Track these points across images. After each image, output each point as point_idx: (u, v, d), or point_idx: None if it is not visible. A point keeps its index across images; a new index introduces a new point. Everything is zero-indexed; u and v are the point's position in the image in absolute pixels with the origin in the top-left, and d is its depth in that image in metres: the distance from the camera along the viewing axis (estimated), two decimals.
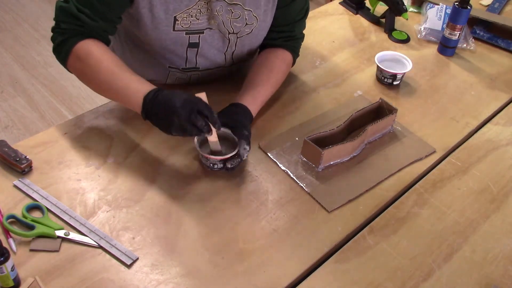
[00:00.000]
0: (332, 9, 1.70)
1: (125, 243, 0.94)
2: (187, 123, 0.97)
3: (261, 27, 1.20)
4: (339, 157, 1.13)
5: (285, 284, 0.91)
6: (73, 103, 2.59)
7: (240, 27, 1.17)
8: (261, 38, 1.24)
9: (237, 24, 1.16)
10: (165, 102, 0.98)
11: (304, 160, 1.13)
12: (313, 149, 1.09)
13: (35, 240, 0.93)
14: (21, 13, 3.23)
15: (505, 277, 0.95)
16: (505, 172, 1.16)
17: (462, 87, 1.40)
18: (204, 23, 1.14)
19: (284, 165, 1.11)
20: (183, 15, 1.10)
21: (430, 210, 1.06)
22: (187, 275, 0.90)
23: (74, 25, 1.06)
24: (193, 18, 1.11)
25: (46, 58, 2.85)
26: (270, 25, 1.22)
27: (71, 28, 1.06)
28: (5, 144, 1.07)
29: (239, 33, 1.18)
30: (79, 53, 1.06)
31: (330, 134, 1.14)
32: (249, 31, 1.18)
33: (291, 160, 1.12)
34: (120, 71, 1.05)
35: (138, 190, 1.04)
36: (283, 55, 1.27)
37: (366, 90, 1.36)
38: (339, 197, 1.06)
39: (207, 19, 1.13)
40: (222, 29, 1.16)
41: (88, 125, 1.17)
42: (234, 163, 1.05)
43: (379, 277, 0.93)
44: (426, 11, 1.66)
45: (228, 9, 1.13)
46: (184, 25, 1.12)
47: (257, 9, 1.16)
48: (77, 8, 1.04)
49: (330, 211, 1.03)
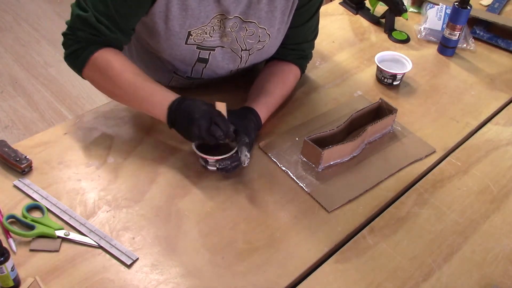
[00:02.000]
0: (332, 9, 1.70)
1: (125, 243, 0.94)
2: (206, 133, 1.01)
3: (272, 43, 1.20)
4: (339, 157, 1.13)
5: (285, 284, 0.91)
6: (73, 103, 2.59)
7: (253, 44, 1.17)
8: (270, 53, 1.23)
9: (250, 41, 1.16)
10: (186, 113, 1.02)
11: (304, 160, 1.12)
12: (313, 149, 1.09)
13: (35, 240, 0.93)
14: (21, 13, 3.23)
15: (505, 277, 0.95)
16: (505, 172, 1.16)
17: (462, 87, 1.40)
18: (217, 41, 1.13)
19: (284, 165, 1.11)
20: (197, 31, 1.09)
21: (430, 210, 1.06)
22: (187, 275, 0.90)
23: (90, 34, 1.05)
24: (207, 35, 1.11)
25: (46, 58, 2.85)
26: (281, 42, 1.22)
27: (87, 37, 1.05)
28: (5, 144, 1.07)
29: (251, 50, 1.18)
30: (98, 64, 1.06)
31: (330, 134, 1.13)
32: (260, 47, 1.18)
33: (291, 160, 1.12)
34: (143, 82, 1.07)
35: (138, 190, 1.04)
36: (295, 71, 1.27)
37: (366, 90, 1.36)
38: (339, 197, 1.06)
39: (219, 37, 1.12)
40: (235, 46, 1.15)
41: (88, 125, 1.17)
42: (223, 164, 1.05)
43: (379, 277, 0.93)
44: (426, 11, 1.66)
45: (243, 26, 1.12)
46: (197, 40, 1.11)
47: (271, 27, 1.15)
48: (96, 19, 1.02)
49: (330, 211, 1.03)
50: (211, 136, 1.01)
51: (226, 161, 1.05)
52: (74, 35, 1.06)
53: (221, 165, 1.05)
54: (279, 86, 1.22)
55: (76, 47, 1.06)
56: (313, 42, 1.29)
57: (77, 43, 1.06)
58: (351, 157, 1.15)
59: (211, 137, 1.01)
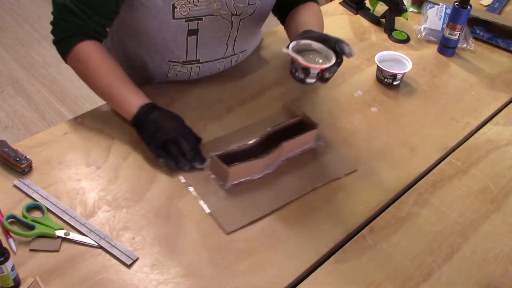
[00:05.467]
0: (332, 9, 1.70)
1: (125, 243, 0.94)
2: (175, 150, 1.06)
3: (263, 7, 1.21)
4: (249, 175, 1.06)
5: (285, 284, 0.91)
6: (73, 103, 2.59)
7: (243, 8, 1.18)
8: (263, 19, 1.26)
9: (239, 5, 1.17)
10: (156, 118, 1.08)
11: (213, 177, 1.06)
12: (220, 166, 1.03)
13: (35, 240, 0.93)
14: (21, 13, 3.23)
15: (505, 277, 0.95)
16: (505, 172, 1.16)
17: (462, 87, 1.40)
18: (203, 9, 1.14)
19: (190, 182, 1.05)
20: (181, 2, 1.10)
21: (430, 210, 1.06)
22: (187, 275, 0.90)
23: (72, 23, 1.09)
24: (191, 5, 1.12)
25: (46, 58, 2.85)
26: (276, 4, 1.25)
27: (69, 26, 1.10)
28: (5, 144, 1.07)
29: (241, 14, 1.19)
30: (80, 55, 1.11)
31: (241, 150, 1.07)
32: (251, 11, 1.19)
33: (198, 177, 1.06)
34: (116, 80, 1.12)
35: (138, 190, 1.04)
36: (315, 7, 1.31)
37: (366, 90, 1.36)
38: (242, 218, 0.99)
39: (206, 5, 1.13)
40: (225, 12, 1.16)
41: (88, 125, 1.17)
42: (332, 71, 1.04)
43: (379, 277, 0.93)
44: (426, 11, 1.66)
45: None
46: (183, 13, 1.12)
47: None
48: (72, 3, 1.07)
49: (228, 233, 0.97)
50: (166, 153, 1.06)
51: (334, 67, 1.04)
52: (58, 26, 1.11)
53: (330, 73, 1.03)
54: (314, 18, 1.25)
55: (62, 36, 1.12)
56: None
57: (62, 32, 1.12)
58: (263, 175, 1.07)
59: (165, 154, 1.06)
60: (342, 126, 1.24)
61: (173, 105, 1.23)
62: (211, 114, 1.23)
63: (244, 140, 1.11)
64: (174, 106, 1.23)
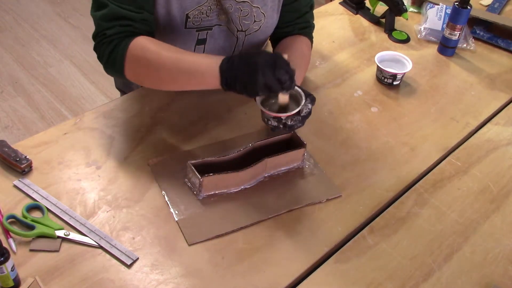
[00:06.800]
0: (332, 9, 1.70)
1: (125, 243, 0.94)
2: (273, 78, 0.94)
3: (269, 23, 1.22)
4: (225, 187, 1.03)
5: (285, 284, 0.91)
6: (73, 103, 2.59)
7: (249, 25, 1.19)
8: (267, 35, 1.26)
9: (246, 22, 1.18)
10: (246, 63, 0.96)
11: (189, 186, 1.04)
12: (194, 175, 1.00)
13: (35, 240, 0.93)
14: (21, 13, 3.23)
15: (505, 277, 0.95)
16: (505, 172, 1.16)
17: (462, 87, 1.40)
18: (214, 20, 1.15)
19: (164, 187, 1.03)
20: (194, 12, 1.11)
21: (430, 210, 1.06)
22: (187, 275, 0.90)
23: (119, 26, 1.05)
24: (204, 15, 1.13)
25: (46, 58, 2.85)
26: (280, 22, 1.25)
27: (117, 31, 1.05)
28: (5, 144, 1.07)
29: (247, 30, 1.20)
30: (135, 52, 1.04)
31: (219, 161, 1.03)
32: (257, 28, 1.21)
33: (176, 184, 1.04)
34: (183, 54, 1.03)
35: (138, 190, 1.04)
36: (306, 41, 1.29)
37: (366, 90, 1.36)
38: (207, 231, 0.97)
39: (216, 15, 1.15)
40: (231, 27, 1.18)
41: (88, 125, 1.17)
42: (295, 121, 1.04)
43: (379, 277, 0.93)
44: (426, 11, 1.66)
45: (237, 7, 1.15)
46: (195, 23, 1.13)
47: (264, 6, 1.18)
48: (119, 7, 1.04)
49: (190, 244, 0.95)
50: (278, 82, 0.94)
51: (298, 116, 1.04)
52: (104, 36, 1.06)
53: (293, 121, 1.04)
54: (299, 59, 1.21)
55: (110, 49, 1.06)
56: (311, 12, 1.31)
57: (109, 45, 1.06)
58: (241, 189, 1.04)
59: (278, 84, 0.94)
60: (342, 126, 1.24)
61: (173, 105, 1.23)
62: (211, 114, 1.23)
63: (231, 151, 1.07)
64: (174, 106, 1.23)
